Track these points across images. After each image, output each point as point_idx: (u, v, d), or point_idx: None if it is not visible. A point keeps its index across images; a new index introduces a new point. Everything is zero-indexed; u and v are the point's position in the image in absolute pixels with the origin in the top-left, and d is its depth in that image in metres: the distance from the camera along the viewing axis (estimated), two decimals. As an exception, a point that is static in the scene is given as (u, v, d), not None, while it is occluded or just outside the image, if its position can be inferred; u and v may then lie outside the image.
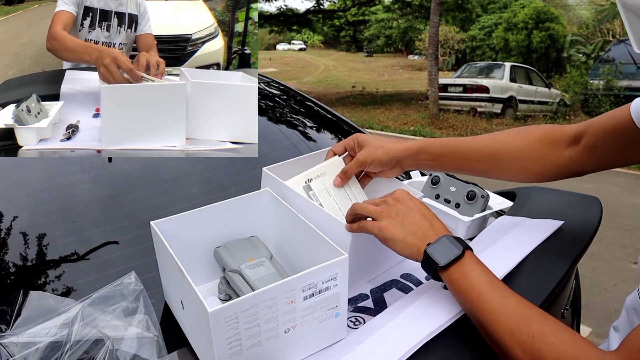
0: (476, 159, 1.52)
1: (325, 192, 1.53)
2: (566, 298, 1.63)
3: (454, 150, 1.52)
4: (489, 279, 1.13)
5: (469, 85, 15.90)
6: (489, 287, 1.11)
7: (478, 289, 1.11)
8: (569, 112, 15.81)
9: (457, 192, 1.72)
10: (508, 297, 1.10)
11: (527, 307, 1.08)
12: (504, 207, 1.77)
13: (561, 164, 1.48)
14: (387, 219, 1.24)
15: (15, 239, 1.48)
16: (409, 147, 1.51)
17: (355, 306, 1.35)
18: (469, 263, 1.15)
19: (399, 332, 1.16)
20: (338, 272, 1.13)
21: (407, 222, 1.24)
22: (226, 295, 1.29)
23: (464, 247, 1.17)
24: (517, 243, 1.49)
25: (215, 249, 1.35)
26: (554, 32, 26.33)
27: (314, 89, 25.68)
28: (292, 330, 1.12)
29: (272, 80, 3.07)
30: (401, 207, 1.26)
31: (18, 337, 1.09)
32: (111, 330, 1.13)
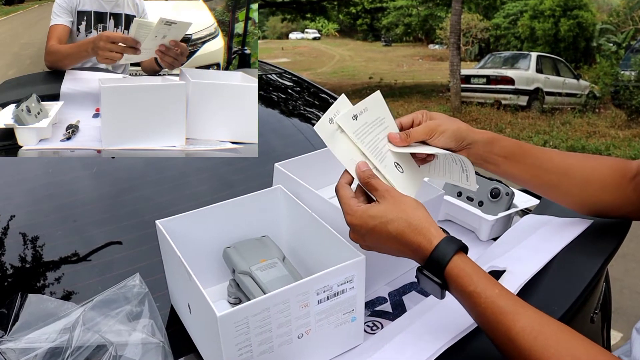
0: (548, 169, 1.46)
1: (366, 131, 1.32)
2: (596, 301, 1.62)
3: (528, 153, 1.45)
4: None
5: (492, 77, 15.81)
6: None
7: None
8: (599, 105, 15.69)
9: (481, 189, 1.71)
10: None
11: (562, 330, 1.06)
12: (530, 205, 1.75)
13: (627, 196, 1.44)
14: (355, 242, 1.21)
15: (13, 239, 1.48)
16: (484, 134, 1.42)
17: (373, 310, 1.35)
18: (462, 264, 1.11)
19: (419, 338, 1.15)
20: (354, 274, 1.12)
21: (381, 251, 1.19)
22: (236, 298, 1.29)
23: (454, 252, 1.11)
24: (543, 243, 1.48)
25: (225, 250, 1.35)
26: (582, 20, 26.17)
27: (329, 80, 25.62)
28: (305, 336, 1.12)
29: (285, 71, 3.07)
30: (363, 242, 1.19)
31: (16, 343, 1.09)
32: (114, 336, 1.13)
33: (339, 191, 1.21)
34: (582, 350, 0.98)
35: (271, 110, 2.53)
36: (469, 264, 1.09)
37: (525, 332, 1.00)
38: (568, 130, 11.94)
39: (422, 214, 1.14)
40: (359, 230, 1.15)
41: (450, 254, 1.08)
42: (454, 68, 15.18)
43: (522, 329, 1.00)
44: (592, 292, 1.44)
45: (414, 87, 22.22)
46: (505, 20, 33.58)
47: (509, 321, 1.02)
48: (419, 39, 47.99)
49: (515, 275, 1.32)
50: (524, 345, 0.99)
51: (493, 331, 1.05)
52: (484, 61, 18.13)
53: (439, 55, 37.82)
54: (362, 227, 1.14)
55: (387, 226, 1.12)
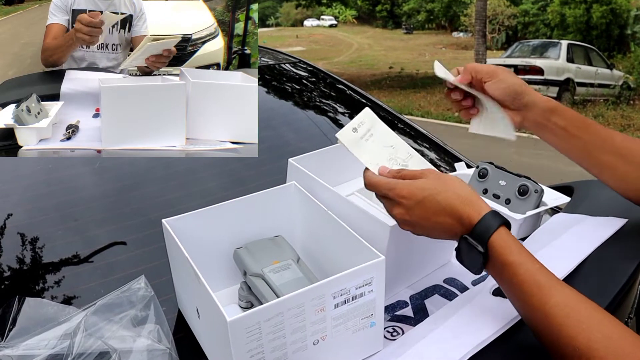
0: (607, 149, 1.45)
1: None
2: (630, 305, 1.60)
3: (590, 128, 1.46)
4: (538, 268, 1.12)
5: (520, 66, 15.75)
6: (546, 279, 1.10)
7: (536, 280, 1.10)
8: (634, 96, 15.63)
9: (508, 186, 1.70)
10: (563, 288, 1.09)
11: (596, 309, 1.06)
12: (560, 204, 1.74)
13: None
14: (402, 224, 1.23)
15: (11, 239, 1.49)
16: (546, 99, 1.47)
17: (393, 315, 1.35)
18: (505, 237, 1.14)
19: (442, 344, 1.15)
20: (373, 276, 1.12)
21: (423, 229, 1.21)
22: (247, 302, 1.29)
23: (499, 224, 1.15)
24: (575, 244, 1.48)
25: (235, 251, 1.35)
26: (616, 6, 26.08)
27: (346, 70, 25.65)
28: (321, 342, 1.11)
29: (299, 60, 3.07)
30: (408, 217, 1.21)
31: (13, 350, 1.09)
32: (118, 342, 1.12)
33: (371, 178, 1.26)
34: (613, 330, 1.01)
35: (285, 102, 2.53)
36: (512, 237, 1.14)
37: (559, 307, 1.04)
38: (601, 124, 11.92)
39: (469, 188, 1.21)
40: (407, 202, 1.19)
41: (495, 225, 1.13)
42: (479, 57, 15.18)
43: (557, 304, 1.04)
44: (627, 296, 1.43)
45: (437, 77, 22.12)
46: (534, 6, 33.52)
47: (545, 295, 1.06)
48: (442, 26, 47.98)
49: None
50: (556, 320, 1.03)
51: (527, 304, 1.09)
52: (511, 50, 18.06)
53: (464, 44, 37.81)
54: (411, 198, 1.18)
55: (437, 197, 1.17)
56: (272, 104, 2.45)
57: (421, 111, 15.17)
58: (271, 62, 2.96)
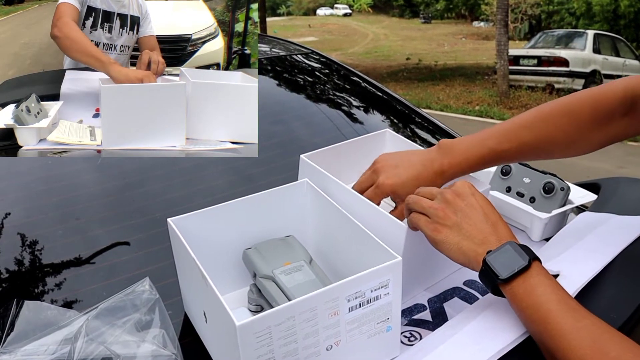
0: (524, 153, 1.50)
1: None
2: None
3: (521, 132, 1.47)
4: (560, 297, 1.10)
5: (544, 57, 15.73)
6: (559, 306, 1.08)
7: (546, 307, 1.08)
8: (664, 89, 15.55)
9: (532, 184, 1.69)
10: (581, 318, 1.06)
11: (604, 331, 1.05)
12: (587, 202, 1.74)
13: (618, 133, 1.46)
14: (442, 218, 1.23)
15: (9, 239, 1.49)
16: (461, 172, 1.48)
17: (410, 319, 1.35)
18: (536, 276, 1.12)
19: (462, 350, 1.14)
20: (390, 278, 1.12)
21: (466, 224, 1.21)
22: (257, 305, 1.29)
23: (530, 257, 1.13)
24: (602, 245, 1.47)
25: (245, 251, 1.35)
26: (645, -7, 26.01)
27: (362, 62, 25.62)
28: (335, 347, 1.11)
29: (312, 51, 3.07)
30: (461, 203, 1.23)
31: (11, 356, 1.09)
32: (121, 347, 1.13)
33: (412, 200, 1.30)
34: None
35: (296, 96, 2.54)
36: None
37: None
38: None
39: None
40: (462, 191, 1.25)
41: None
42: (501, 48, 15.11)
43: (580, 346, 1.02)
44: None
45: (457, 69, 22.15)
46: (559, -6, 33.35)
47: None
48: (462, 15, 47.85)
49: (570, 280, 1.30)
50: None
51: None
52: (534, 40, 18.04)
53: (485, 34, 37.71)
54: (470, 187, 1.26)
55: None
56: (283, 98, 2.46)
57: (440, 104, 15.16)
58: (282, 53, 2.96)
